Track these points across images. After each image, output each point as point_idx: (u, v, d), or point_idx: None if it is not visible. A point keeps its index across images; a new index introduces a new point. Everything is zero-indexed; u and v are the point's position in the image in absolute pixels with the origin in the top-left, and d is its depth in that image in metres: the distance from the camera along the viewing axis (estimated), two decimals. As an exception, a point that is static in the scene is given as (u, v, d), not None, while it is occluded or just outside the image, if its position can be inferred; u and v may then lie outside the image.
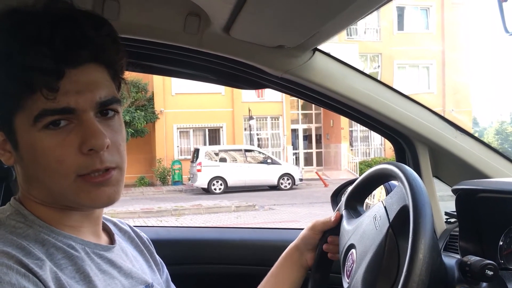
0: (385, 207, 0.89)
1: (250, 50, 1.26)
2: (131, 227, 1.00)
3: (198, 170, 17.23)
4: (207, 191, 17.21)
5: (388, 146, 20.25)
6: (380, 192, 1.19)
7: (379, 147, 23.80)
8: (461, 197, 1.07)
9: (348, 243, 0.98)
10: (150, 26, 1.21)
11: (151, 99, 20.81)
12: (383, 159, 21.72)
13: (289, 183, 17.82)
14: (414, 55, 23.90)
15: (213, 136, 22.08)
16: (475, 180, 1.14)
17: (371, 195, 1.18)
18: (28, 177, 0.77)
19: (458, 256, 1.07)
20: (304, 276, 1.14)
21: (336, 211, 1.11)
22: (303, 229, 1.15)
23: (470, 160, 1.35)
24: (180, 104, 20.81)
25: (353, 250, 0.95)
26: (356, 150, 23.47)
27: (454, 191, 1.08)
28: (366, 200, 1.13)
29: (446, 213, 1.35)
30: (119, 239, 0.90)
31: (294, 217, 11.43)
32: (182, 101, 20.79)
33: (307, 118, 24.66)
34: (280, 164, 18.54)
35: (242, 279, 1.65)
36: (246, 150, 18.85)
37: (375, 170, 0.99)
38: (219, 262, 1.70)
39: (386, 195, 1.10)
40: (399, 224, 0.84)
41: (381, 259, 0.84)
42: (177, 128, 21.40)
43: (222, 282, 1.71)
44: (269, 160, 18.28)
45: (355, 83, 1.34)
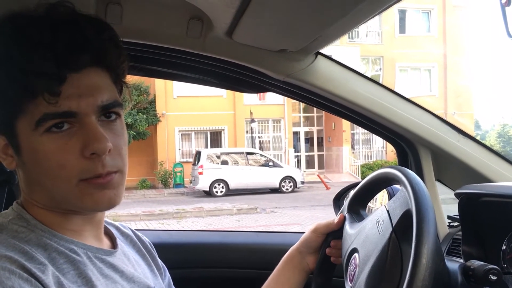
0: (388, 212, 0.89)
1: (253, 54, 1.26)
2: (133, 231, 1.00)
3: (200, 173, 17.23)
4: (209, 193, 17.21)
5: (390, 149, 20.24)
6: (382, 196, 1.19)
7: (381, 150, 23.78)
8: (464, 201, 1.07)
9: (351, 247, 0.98)
10: (152, 30, 1.21)
11: (153, 102, 20.82)
12: (384, 162, 21.71)
13: (290, 186, 17.80)
14: (416, 58, 23.89)
15: (215, 138, 22.09)
16: (478, 184, 1.14)
17: (374, 198, 1.18)
18: (30, 181, 0.77)
19: (461, 260, 1.06)
20: (305, 280, 1.13)
21: (340, 213, 1.11)
22: (305, 232, 1.14)
23: (473, 164, 1.35)
24: (181, 106, 20.82)
25: (356, 254, 0.94)
26: (358, 153, 23.44)
27: (457, 195, 1.08)
28: (368, 204, 1.13)
29: (449, 217, 1.35)
30: (121, 243, 0.90)
31: (295, 220, 11.41)
32: (183, 104, 20.80)
33: (308, 120, 24.66)
34: (282, 167, 18.53)
35: (244, 282, 1.65)
36: (248, 153, 18.85)
37: (378, 174, 0.99)
38: (221, 265, 1.70)
39: (389, 199, 1.10)
40: (402, 228, 0.83)
41: (384, 263, 0.84)
42: (179, 131, 21.41)
43: (224, 286, 1.71)
44: (270, 163, 18.28)
45: (357, 87, 1.34)
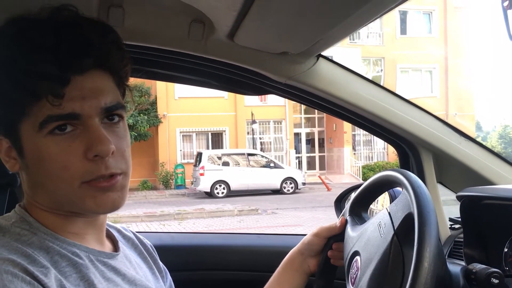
0: (389, 214, 0.89)
1: (254, 56, 1.26)
2: (135, 234, 1.00)
3: (201, 174, 17.23)
4: (210, 195, 17.20)
5: (391, 150, 20.23)
6: (384, 198, 1.19)
7: (382, 151, 23.76)
8: (466, 204, 1.07)
9: (352, 250, 0.98)
10: (154, 33, 1.21)
11: (154, 103, 20.82)
12: (386, 163, 21.69)
13: (291, 187, 17.80)
14: (417, 59, 23.88)
15: (216, 140, 22.09)
16: (479, 187, 1.14)
17: (375, 200, 1.18)
18: (33, 183, 0.77)
19: (463, 262, 1.06)
20: (306, 282, 1.13)
21: (341, 216, 1.11)
22: (306, 235, 1.14)
23: (475, 166, 1.35)
24: (183, 108, 20.83)
25: (358, 257, 0.94)
26: (359, 154, 23.43)
27: (459, 198, 1.08)
28: (370, 206, 1.13)
29: (450, 219, 1.34)
30: (123, 246, 0.90)
31: (297, 221, 11.40)
32: (185, 105, 20.81)
33: (310, 122, 24.66)
34: (283, 168, 18.53)
35: (245, 285, 1.65)
36: (249, 154, 18.85)
37: (380, 177, 0.99)
38: (223, 268, 1.70)
39: (390, 201, 1.10)
40: (404, 231, 0.83)
41: (386, 266, 0.84)
42: (180, 132, 21.41)
43: (225, 288, 1.71)
44: (271, 164, 18.28)
45: (358, 89, 1.34)
